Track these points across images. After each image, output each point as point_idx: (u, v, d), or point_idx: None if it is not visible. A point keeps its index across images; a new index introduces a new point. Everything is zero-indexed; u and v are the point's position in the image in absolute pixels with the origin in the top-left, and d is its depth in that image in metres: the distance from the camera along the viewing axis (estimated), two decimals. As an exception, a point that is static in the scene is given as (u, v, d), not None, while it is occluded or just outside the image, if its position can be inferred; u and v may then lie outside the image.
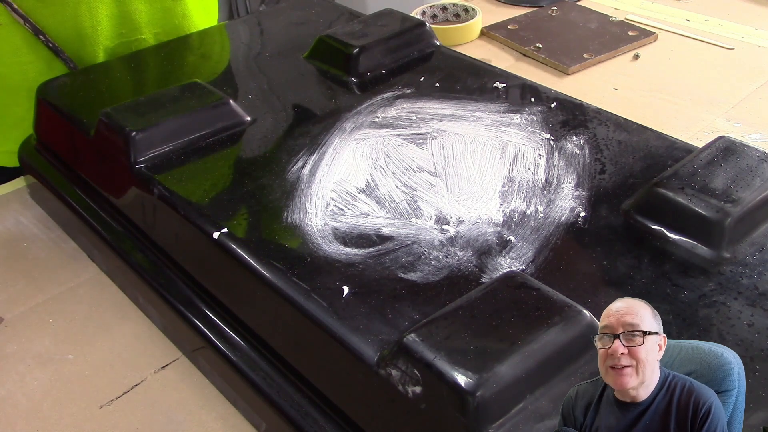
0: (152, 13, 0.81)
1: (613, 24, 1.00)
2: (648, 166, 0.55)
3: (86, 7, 0.76)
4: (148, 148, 0.57)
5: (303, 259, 0.48)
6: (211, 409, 0.52)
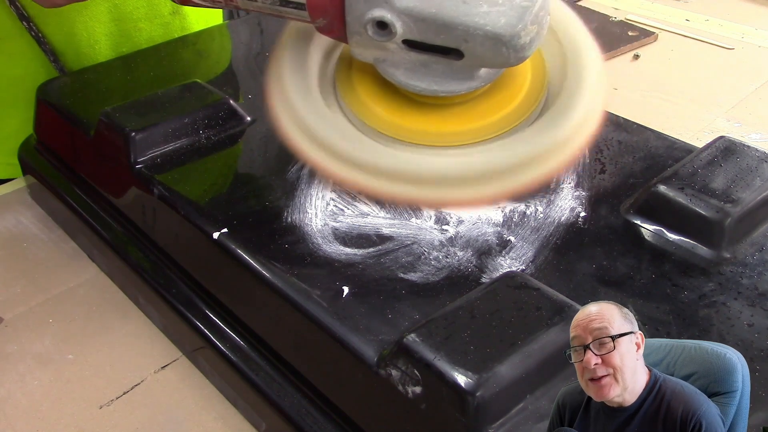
0: (152, 30, 0.80)
1: (613, 24, 1.00)
2: (648, 166, 0.55)
3: (82, 26, 0.75)
4: (148, 148, 0.57)
5: (303, 259, 0.48)
6: (211, 409, 0.52)
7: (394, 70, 0.48)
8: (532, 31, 0.44)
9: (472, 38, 0.44)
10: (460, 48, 0.45)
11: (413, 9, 0.44)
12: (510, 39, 0.44)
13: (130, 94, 0.64)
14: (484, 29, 0.44)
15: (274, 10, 0.49)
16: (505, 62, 0.46)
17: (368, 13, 0.45)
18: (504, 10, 0.44)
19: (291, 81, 0.51)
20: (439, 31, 0.45)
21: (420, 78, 0.48)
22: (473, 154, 0.48)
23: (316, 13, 0.47)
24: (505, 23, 0.43)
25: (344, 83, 0.52)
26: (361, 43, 0.48)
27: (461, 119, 0.50)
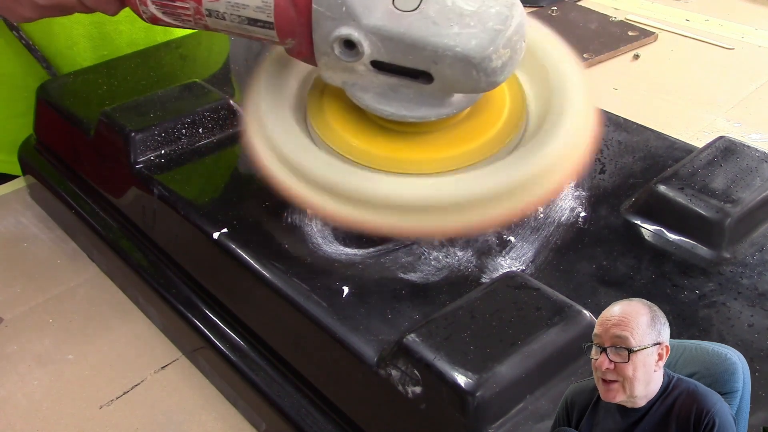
0: (133, 33, 0.79)
1: (613, 24, 1.00)
2: (648, 166, 0.55)
3: (59, 27, 0.75)
4: (148, 148, 0.57)
5: (303, 259, 0.48)
6: (211, 409, 0.52)
7: (363, 94, 0.47)
8: (505, 54, 0.43)
9: (441, 60, 0.43)
10: (430, 70, 0.44)
11: (381, 28, 0.43)
12: (480, 62, 0.42)
13: (130, 94, 0.64)
14: (453, 50, 0.42)
15: (243, 29, 0.48)
16: (475, 87, 0.44)
17: (335, 32, 0.44)
18: (475, 32, 0.42)
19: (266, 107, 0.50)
20: (407, 52, 0.43)
21: (389, 102, 0.46)
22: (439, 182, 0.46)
23: (284, 32, 0.46)
24: (476, 45, 0.42)
25: (315, 109, 0.51)
26: (329, 64, 0.46)
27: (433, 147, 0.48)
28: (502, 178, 0.45)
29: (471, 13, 0.43)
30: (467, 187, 0.45)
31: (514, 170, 0.45)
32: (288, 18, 0.46)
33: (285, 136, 0.48)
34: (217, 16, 0.48)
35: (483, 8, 0.43)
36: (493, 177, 0.45)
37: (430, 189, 0.45)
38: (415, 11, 0.43)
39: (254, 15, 0.47)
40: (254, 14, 0.47)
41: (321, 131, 0.49)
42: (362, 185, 0.45)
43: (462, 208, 0.45)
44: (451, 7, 0.43)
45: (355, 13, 0.44)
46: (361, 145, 0.48)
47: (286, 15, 0.46)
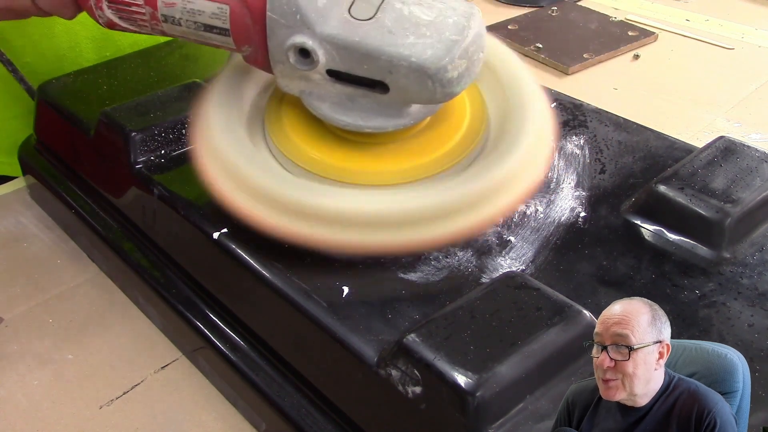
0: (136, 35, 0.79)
1: (613, 24, 1.00)
2: (648, 166, 0.55)
3: (62, 29, 0.74)
4: (148, 148, 0.57)
5: (303, 259, 0.48)
6: (211, 409, 0.52)
7: (320, 104, 0.46)
8: (461, 65, 0.42)
9: (396, 69, 0.42)
10: (385, 80, 0.43)
11: (336, 37, 0.43)
12: (435, 72, 0.42)
13: (130, 94, 0.64)
14: (408, 60, 0.42)
15: (199, 36, 0.48)
16: (431, 97, 0.44)
17: (289, 40, 0.44)
18: (431, 42, 0.42)
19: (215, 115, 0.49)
20: (362, 61, 0.43)
21: (346, 112, 0.46)
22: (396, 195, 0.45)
23: (240, 39, 0.46)
24: (432, 55, 0.42)
25: (272, 118, 0.50)
26: (285, 72, 0.46)
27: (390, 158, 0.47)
28: (457, 193, 0.44)
29: (428, 23, 0.43)
30: (421, 201, 0.44)
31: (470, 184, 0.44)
32: (243, 25, 0.45)
33: (232, 147, 0.47)
34: (173, 21, 0.47)
35: (440, 18, 0.43)
36: (448, 191, 0.44)
37: (382, 202, 0.44)
38: (371, 20, 0.43)
39: (210, 21, 0.46)
40: (210, 21, 0.46)
41: (278, 141, 0.49)
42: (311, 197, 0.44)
43: (414, 222, 0.44)
44: (407, 16, 0.43)
45: (310, 21, 0.43)
46: (317, 155, 0.47)
47: (241, 22, 0.45)
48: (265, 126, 0.51)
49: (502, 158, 0.46)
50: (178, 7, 0.47)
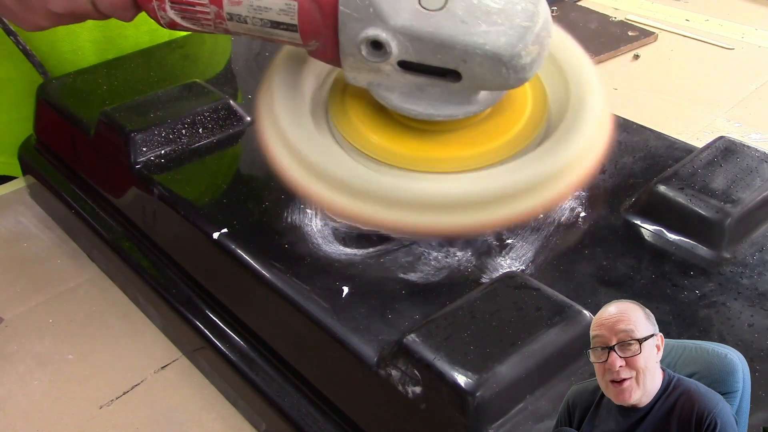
0: (138, 37, 0.79)
1: (613, 24, 1.00)
2: (648, 166, 0.55)
3: (64, 31, 0.74)
4: (148, 148, 0.57)
5: (303, 259, 0.48)
6: (211, 409, 0.52)
7: (389, 94, 0.46)
8: (534, 51, 0.43)
9: (470, 58, 0.43)
10: (458, 69, 0.44)
11: (409, 28, 0.43)
12: (510, 59, 0.42)
13: (130, 94, 0.64)
14: (483, 48, 0.42)
15: (265, 33, 0.48)
16: (504, 84, 0.44)
17: (362, 33, 0.44)
18: (504, 30, 0.42)
19: (282, 108, 0.49)
20: (436, 51, 0.43)
21: (416, 102, 0.46)
22: (472, 180, 0.46)
23: (308, 35, 0.46)
24: (506, 42, 0.42)
25: (337, 110, 0.50)
26: (354, 65, 0.46)
27: (459, 145, 0.48)
28: (529, 174, 0.45)
29: (498, 10, 0.43)
30: (497, 183, 0.45)
31: (540, 166, 0.46)
32: (312, 20, 0.45)
33: (305, 138, 0.48)
34: (238, 19, 0.48)
35: (509, 5, 0.43)
36: (521, 172, 0.46)
37: (463, 185, 0.45)
38: (442, 10, 0.43)
39: (277, 18, 0.46)
40: (277, 17, 0.46)
41: (345, 131, 0.49)
42: (392, 184, 0.46)
43: (490, 204, 0.45)
44: (477, 4, 0.43)
45: (383, 14, 0.43)
46: (387, 144, 0.48)
47: (310, 17, 0.45)
48: (329, 117, 0.51)
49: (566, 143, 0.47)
50: (245, 4, 0.47)
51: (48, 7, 0.55)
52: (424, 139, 0.48)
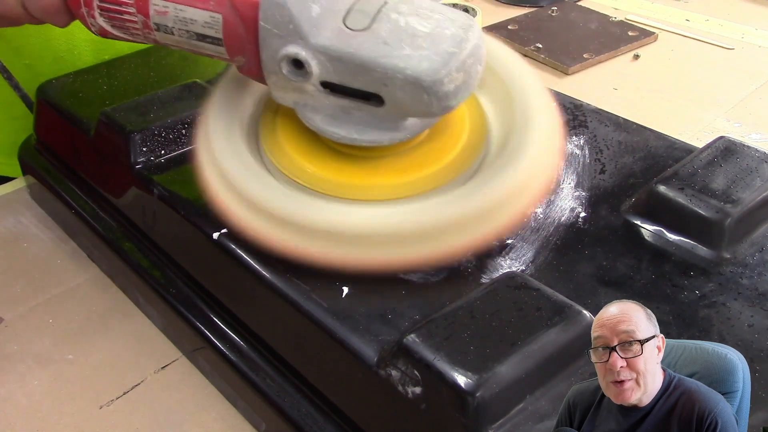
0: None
1: (613, 24, 1.00)
2: (648, 166, 0.55)
3: (60, 31, 0.74)
4: (148, 148, 0.57)
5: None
6: (211, 409, 0.52)
7: (314, 115, 0.45)
8: (458, 78, 0.41)
9: (391, 82, 0.41)
10: (380, 93, 0.42)
11: (329, 47, 0.42)
12: (431, 85, 0.41)
13: (130, 94, 0.64)
14: (404, 72, 0.41)
15: (192, 45, 0.47)
16: (427, 111, 0.42)
17: (282, 50, 0.43)
18: (427, 54, 0.41)
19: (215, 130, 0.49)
20: (356, 73, 0.42)
21: (340, 125, 0.45)
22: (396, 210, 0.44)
23: (234, 49, 0.45)
24: (428, 68, 0.41)
25: (268, 131, 0.49)
26: (279, 84, 0.45)
27: (389, 172, 0.46)
28: (453, 208, 0.43)
29: (424, 34, 0.42)
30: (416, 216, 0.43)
31: (468, 200, 0.44)
32: (236, 35, 0.44)
33: (232, 160, 0.47)
34: (165, 30, 0.47)
35: (437, 30, 0.42)
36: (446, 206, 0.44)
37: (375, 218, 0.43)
38: (366, 31, 0.42)
39: (202, 31, 0.45)
40: (202, 30, 0.45)
41: (272, 154, 0.48)
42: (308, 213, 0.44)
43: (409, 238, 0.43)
44: (404, 27, 0.42)
45: (303, 32, 0.42)
46: (312, 169, 0.47)
47: (234, 31, 0.44)
48: (259, 138, 0.50)
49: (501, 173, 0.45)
50: (170, 15, 0.46)
51: None
52: (349, 165, 0.47)
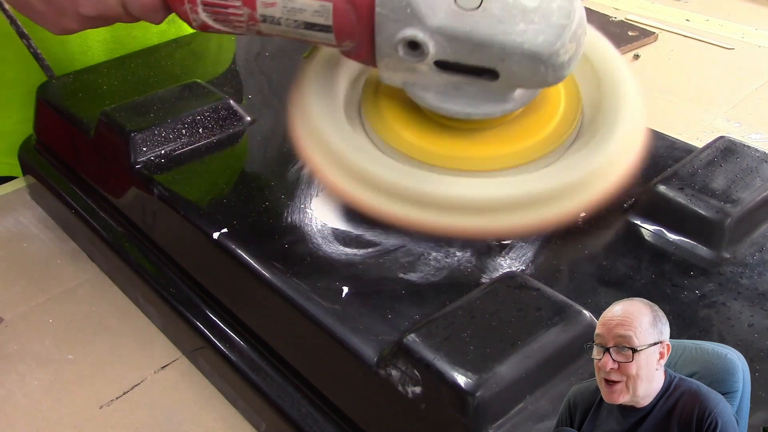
0: (147, 38, 0.79)
1: (613, 24, 1.00)
2: (648, 166, 0.55)
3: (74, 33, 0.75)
4: (148, 148, 0.57)
5: (303, 259, 0.48)
6: (211, 409, 0.52)
7: (425, 94, 0.46)
8: (571, 49, 0.43)
9: (508, 57, 0.43)
10: (496, 68, 0.44)
11: (447, 28, 0.43)
12: (549, 57, 0.42)
13: (130, 94, 0.64)
14: (521, 47, 0.42)
15: (299, 34, 0.47)
16: (543, 82, 0.44)
17: (400, 33, 0.44)
18: (541, 28, 0.42)
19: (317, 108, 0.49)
20: (473, 51, 0.43)
21: (452, 101, 0.46)
22: (510, 180, 0.46)
23: (343, 36, 0.46)
24: (544, 41, 0.42)
25: (371, 109, 0.50)
26: (390, 65, 0.46)
27: (494, 144, 0.48)
28: (568, 176, 0.45)
29: (534, 8, 0.43)
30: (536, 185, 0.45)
31: (580, 167, 0.45)
32: (347, 21, 0.45)
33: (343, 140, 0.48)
34: (272, 21, 0.47)
35: (545, 3, 0.43)
36: (560, 174, 0.45)
37: (502, 187, 0.45)
38: (479, 9, 0.43)
39: (312, 19, 0.46)
40: (312, 18, 0.46)
41: (380, 131, 0.49)
42: (429, 185, 0.45)
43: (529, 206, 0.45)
44: (513, 3, 0.43)
45: (420, 14, 0.43)
46: (422, 143, 0.48)
47: (345, 19, 0.45)
48: (363, 117, 0.51)
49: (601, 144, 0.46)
50: (278, 6, 0.46)
51: (78, 10, 0.55)
52: (457, 138, 0.48)
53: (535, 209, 0.45)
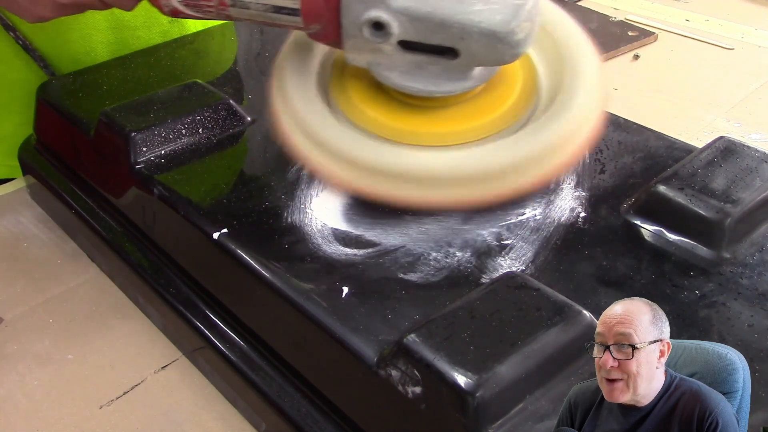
0: (150, 38, 0.79)
1: (613, 24, 1.00)
2: (648, 166, 0.55)
3: (78, 34, 0.74)
4: (148, 148, 0.57)
5: (303, 259, 0.48)
6: (211, 409, 0.52)
7: (389, 73, 0.48)
8: (527, 27, 0.45)
9: (468, 36, 0.44)
10: (456, 47, 0.45)
11: (409, 8, 0.45)
12: (506, 36, 0.44)
13: (130, 94, 0.64)
14: (479, 26, 0.44)
15: (267, 17, 0.49)
16: (500, 59, 0.46)
17: (364, 15, 0.45)
18: (498, 8, 0.44)
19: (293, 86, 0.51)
20: (435, 30, 0.45)
21: (416, 79, 0.48)
22: (470, 152, 0.47)
23: (310, 18, 0.47)
24: (501, 20, 0.44)
25: (338, 89, 0.52)
26: (356, 46, 0.48)
27: (455, 120, 0.50)
28: (526, 147, 0.47)
29: None
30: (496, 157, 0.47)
31: (537, 139, 0.47)
32: (315, 4, 0.46)
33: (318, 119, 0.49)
34: (241, 5, 0.49)
35: None
36: (517, 146, 0.47)
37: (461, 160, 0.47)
38: None
39: (280, 2, 0.47)
40: (280, 2, 0.47)
41: (346, 110, 0.51)
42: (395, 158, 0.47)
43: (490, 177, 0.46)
44: None
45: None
46: (387, 121, 0.50)
47: (312, 1, 0.46)
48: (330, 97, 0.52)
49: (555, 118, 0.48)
50: None
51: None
52: (420, 115, 0.50)
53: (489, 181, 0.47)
